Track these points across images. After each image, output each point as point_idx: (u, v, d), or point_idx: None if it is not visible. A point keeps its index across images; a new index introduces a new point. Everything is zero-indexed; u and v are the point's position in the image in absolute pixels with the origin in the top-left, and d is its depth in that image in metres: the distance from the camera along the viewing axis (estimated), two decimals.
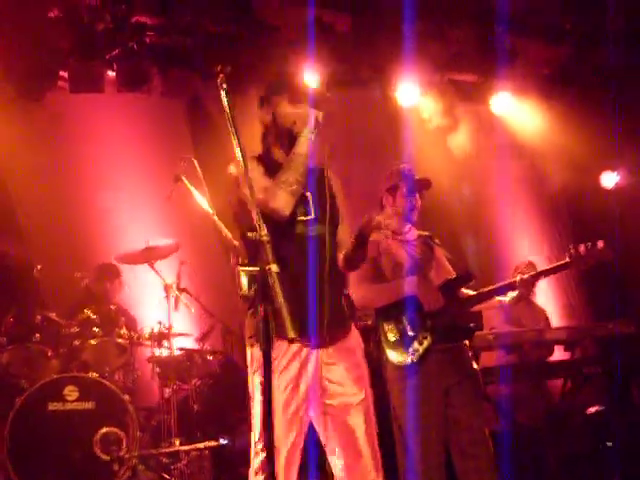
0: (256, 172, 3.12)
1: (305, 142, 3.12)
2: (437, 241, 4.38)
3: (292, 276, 2.93)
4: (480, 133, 7.47)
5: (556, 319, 6.98)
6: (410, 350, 3.96)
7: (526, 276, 4.14)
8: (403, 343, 3.98)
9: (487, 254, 7.16)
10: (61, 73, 6.14)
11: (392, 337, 4.02)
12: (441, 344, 3.96)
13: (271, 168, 3.17)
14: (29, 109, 5.97)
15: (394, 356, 4.00)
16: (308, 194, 3.18)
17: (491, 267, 6.82)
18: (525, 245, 7.69)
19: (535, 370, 5.36)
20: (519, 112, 7.48)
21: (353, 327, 3.28)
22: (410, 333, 3.97)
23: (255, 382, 3.02)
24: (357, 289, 4.02)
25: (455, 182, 7.35)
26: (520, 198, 7.82)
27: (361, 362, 3.21)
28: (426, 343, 3.95)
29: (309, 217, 3.16)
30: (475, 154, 7.30)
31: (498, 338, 5.14)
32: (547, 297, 7.16)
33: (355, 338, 3.25)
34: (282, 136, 3.22)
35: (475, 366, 4.12)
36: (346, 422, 3.09)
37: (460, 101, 7.25)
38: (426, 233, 4.37)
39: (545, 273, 4.20)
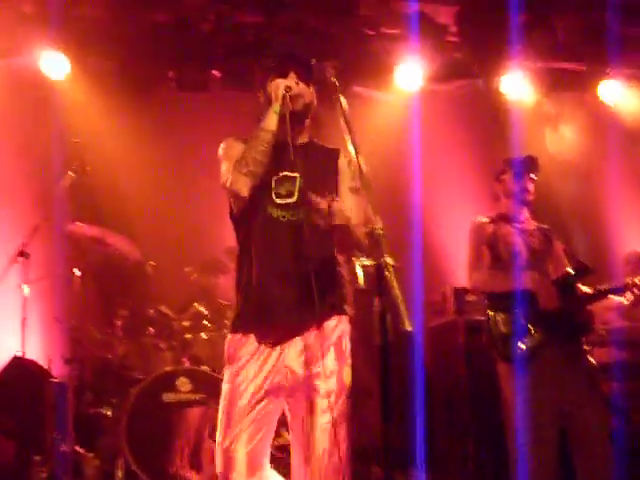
0: (233, 151, 3.00)
1: (272, 117, 2.91)
2: (554, 232, 4.30)
3: (262, 261, 2.87)
4: (588, 122, 7.28)
5: None
6: (523, 343, 3.89)
7: (637, 279, 3.99)
8: (515, 335, 3.91)
9: (598, 248, 6.95)
10: (170, 75, 6.32)
11: (504, 329, 3.95)
12: (555, 340, 3.88)
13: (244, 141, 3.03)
14: (139, 109, 6.16)
15: (505, 349, 3.93)
16: (295, 175, 2.98)
17: (603, 261, 6.62)
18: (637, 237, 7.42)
19: None
20: (629, 99, 7.24)
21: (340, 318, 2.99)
22: (523, 326, 3.90)
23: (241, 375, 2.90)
24: (473, 272, 4.01)
25: (562, 173, 7.17)
26: (631, 188, 7.55)
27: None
28: (539, 337, 3.87)
29: (289, 200, 2.96)
30: (583, 143, 7.12)
31: (611, 334, 5.00)
32: None
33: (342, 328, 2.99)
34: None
35: (593, 363, 4.02)
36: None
37: (567, 90, 7.08)
38: (545, 226, 4.29)
39: None
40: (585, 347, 4.04)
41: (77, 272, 5.10)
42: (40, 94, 6.03)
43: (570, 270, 4.07)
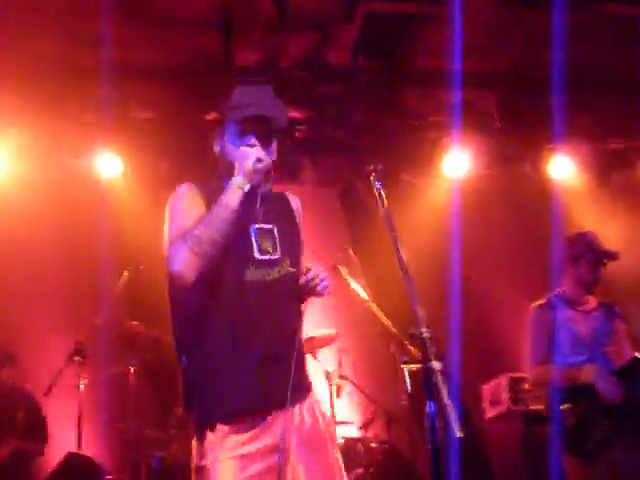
0: (190, 206, 2.64)
1: (235, 193, 2.57)
2: (618, 309, 4.20)
3: (252, 328, 2.53)
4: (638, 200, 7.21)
5: None
6: (590, 437, 3.79)
7: None
8: (582, 429, 3.81)
9: None
10: None
11: (572, 421, 3.85)
12: (626, 431, 3.76)
13: (217, 197, 2.60)
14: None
15: (571, 443, 3.82)
16: (273, 227, 2.71)
17: None
18: None
19: None
20: None
21: (312, 393, 2.74)
22: (591, 419, 3.80)
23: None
24: (533, 367, 3.94)
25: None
26: None
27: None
28: (606, 431, 3.76)
29: (274, 256, 2.66)
30: (636, 222, 7.03)
31: None
32: None
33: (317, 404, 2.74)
34: (227, 170, 2.70)
35: None
36: None
37: (614, 170, 7.05)
38: (607, 302, 4.20)
39: None
40: None
41: (132, 370, 5.15)
42: (94, 193, 6.20)
43: (637, 355, 3.96)
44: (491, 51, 6.26)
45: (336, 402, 5.65)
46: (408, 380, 2.32)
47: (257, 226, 2.68)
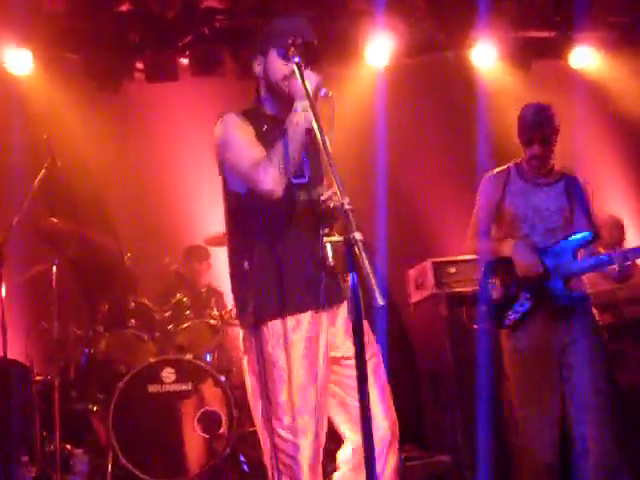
0: (246, 134, 2.89)
1: (304, 115, 2.76)
2: (579, 180, 4.00)
3: (294, 243, 2.83)
4: (560, 90, 7.26)
5: None
6: (512, 311, 3.86)
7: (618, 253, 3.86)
8: (507, 303, 3.87)
9: None
10: (138, 65, 6.25)
11: (496, 295, 3.91)
12: (546, 305, 3.83)
13: (261, 123, 2.95)
14: (108, 101, 6.10)
15: (499, 317, 3.90)
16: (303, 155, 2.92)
17: None
18: (610, 206, 7.44)
19: (632, 328, 5.20)
20: (600, 66, 7.23)
21: None
22: (512, 294, 3.86)
23: (278, 358, 2.81)
24: (468, 239, 3.99)
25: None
26: (602, 157, 7.56)
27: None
28: (528, 305, 3.83)
29: (302, 180, 2.93)
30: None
31: (596, 297, 4.99)
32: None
33: None
34: (273, 90, 2.97)
35: (597, 322, 3.93)
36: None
37: (537, 58, 7.06)
38: (571, 174, 4.00)
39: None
40: (590, 308, 3.95)
41: (54, 269, 5.04)
42: (4, 90, 5.94)
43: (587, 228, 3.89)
44: None
45: None
46: (330, 252, 2.32)
47: None
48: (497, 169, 4.07)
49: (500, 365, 4.05)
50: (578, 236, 3.87)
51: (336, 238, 2.39)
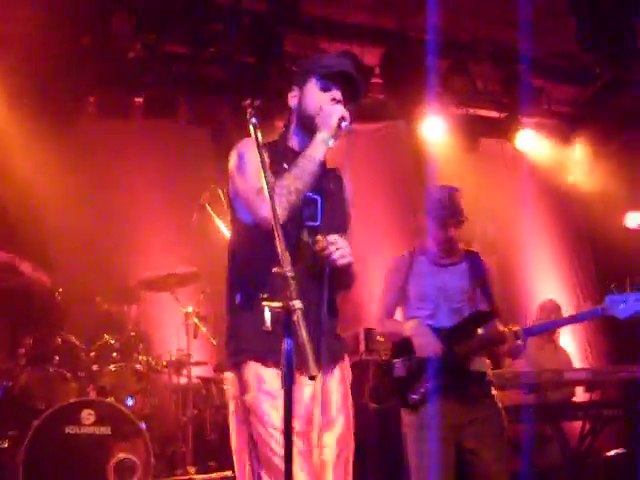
0: (258, 162, 2.64)
1: (321, 147, 2.73)
2: (483, 260, 4.12)
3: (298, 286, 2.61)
4: (504, 169, 7.48)
5: (577, 360, 6.91)
6: (414, 390, 3.89)
7: (515, 329, 3.90)
8: (409, 381, 3.91)
9: (510, 293, 7.11)
10: (91, 100, 6.23)
11: (399, 374, 3.95)
12: (446, 387, 3.86)
13: (282, 156, 2.83)
14: (58, 133, 6.04)
15: (400, 393, 3.94)
16: (317, 197, 2.85)
17: (514, 306, 6.77)
18: (549, 284, 7.64)
19: (554, 411, 5.29)
20: (543, 149, 7.48)
21: (346, 357, 2.96)
22: (414, 374, 3.90)
23: (263, 409, 2.68)
24: (376, 319, 4.03)
25: (479, 218, 7.32)
26: (544, 236, 7.78)
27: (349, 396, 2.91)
28: (429, 384, 3.85)
29: (314, 223, 2.83)
30: (500, 190, 7.30)
31: (517, 377, 5.09)
32: (568, 337, 7.11)
33: (347, 369, 2.95)
34: (303, 123, 2.87)
35: (497, 403, 3.97)
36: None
37: (484, 136, 7.27)
38: (473, 252, 4.13)
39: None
40: (490, 390, 4.02)
41: None
42: None
43: (470, 314, 3.98)
44: (379, 8, 6.29)
45: (193, 342, 5.64)
46: (268, 317, 2.31)
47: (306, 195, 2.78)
48: (404, 252, 4.18)
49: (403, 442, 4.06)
50: (478, 314, 3.97)
51: (275, 304, 2.38)
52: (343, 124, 2.75)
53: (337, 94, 2.85)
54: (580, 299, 7.64)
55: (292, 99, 2.93)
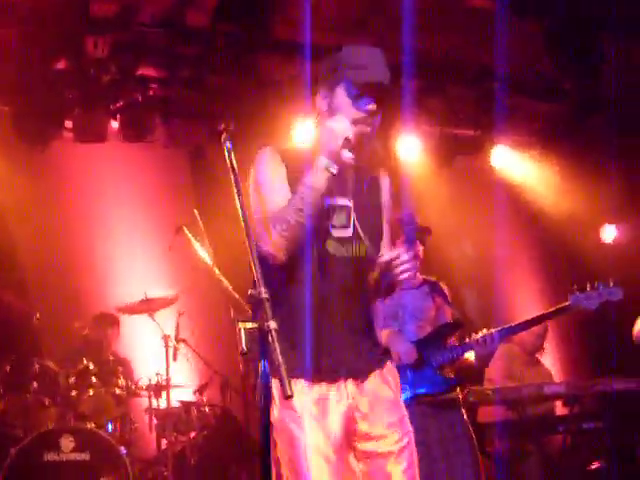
0: (275, 178, 2.59)
1: (322, 175, 2.50)
2: (442, 286, 4.36)
3: (317, 302, 2.54)
4: (480, 187, 7.53)
5: (555, 373, 6.94)
6: None
7: (479, 335, 4.06)
8: None
9: (486, 309, 7.15)
10: (66, 123, 6.22)
11: None
12: (423, 396, 3.94)
13: (302, 165, 2.56)
14: (33, 159, 6.03)
15: None
16: (349, 203, 2.63)
17: (490, 322, 6.81)
18: (525, 300, 7.69)
19: (534, 426, 5.31)
20: (518, 166, 7.55)
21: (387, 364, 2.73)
22: None
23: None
24: None
25: (456, 236, 7.38)
26: (519, 252, 7.84)
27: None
28: (404, 395, 3.88)
29: (346, 234, 2.62)
30: (475, 208, 7.35)
31: (497, 393, 5.11)
32: (547, 351, 7.14)
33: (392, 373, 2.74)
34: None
35: (465, 420, 4.07)
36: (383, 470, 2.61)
37: (459, 154, 7.33)
38: (432, 279, 4.36)
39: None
40: (459, 402, 4.08)
41: None
42: None
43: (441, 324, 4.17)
44: (353, 29, 6.34)
45: (172, 365, 5.62)
46: (244, 338, 2.31)
47: (335, 202, 2.61)
48: None
49: None
50: (445, 326, 4.17)
51: (250, 325, 2.38)
52: (346, 152, 2.53)
53: (372, 104, 2.57)
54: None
55: (321, 101, 2.68)
